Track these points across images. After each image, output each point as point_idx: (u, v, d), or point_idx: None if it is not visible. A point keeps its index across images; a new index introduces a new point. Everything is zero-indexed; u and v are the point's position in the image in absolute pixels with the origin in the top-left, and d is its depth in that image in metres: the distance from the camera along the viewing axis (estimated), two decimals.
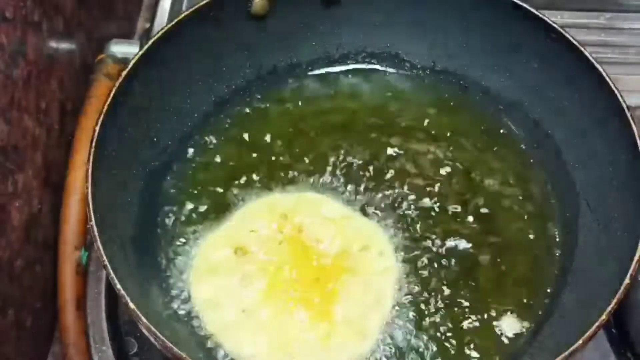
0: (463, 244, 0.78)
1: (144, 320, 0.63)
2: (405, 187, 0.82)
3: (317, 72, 0.91)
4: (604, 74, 0.76)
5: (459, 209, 0.81)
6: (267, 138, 0.86)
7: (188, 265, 0.77)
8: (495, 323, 0.74)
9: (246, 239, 0.77)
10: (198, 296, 0.75)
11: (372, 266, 0.76)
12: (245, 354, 0.71)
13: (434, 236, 0.79)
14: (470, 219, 0.80)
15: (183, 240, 0.78)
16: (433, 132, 0.86)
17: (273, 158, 0.84)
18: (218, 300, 0.74)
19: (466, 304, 0.75)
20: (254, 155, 0.84)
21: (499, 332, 0.74)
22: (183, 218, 0.80)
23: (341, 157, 0.84)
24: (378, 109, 0.88)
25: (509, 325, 0.74)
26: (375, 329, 0.73)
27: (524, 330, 0.74)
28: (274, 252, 0.76)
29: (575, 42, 0.78)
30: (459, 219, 0.80)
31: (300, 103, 0.89)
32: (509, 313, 0.75)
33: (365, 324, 0.73)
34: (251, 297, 0.74)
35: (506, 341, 0.73)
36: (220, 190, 0.82)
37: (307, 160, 0.84)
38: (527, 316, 0.74)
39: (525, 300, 0.75)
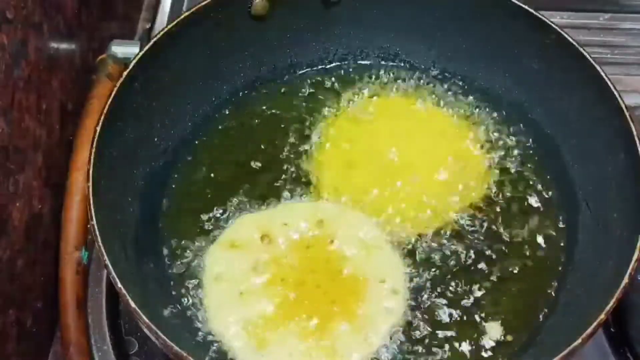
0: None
1: (145, 319, 0.64)
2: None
3: (317, 71, 0.91)
4: (603, 74, 0.76)
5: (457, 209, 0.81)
6: (267, 138, 0.86)
7: (188, 264, 0.77)
8: (494, 324, 0.74)
9: (276, 230, 0.78)
10: (210, 266, 0.76)
11: (380, 301, 0.74)
12: (226, 335, 0.72)
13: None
14: (470, 218, 0.80)
15: (183, 240, 0.78)
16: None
17: (274, 160, 0.84)
18: (224, 275, 0.75)
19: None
20: (255, 156, 0.84)
21: (498, 333, 0.74)
22: (183, 218, 0.80)
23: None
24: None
25: (509, 326, 0.74)
26: None
27: (524, 329, 0.74)
28: (297, 251, 0.76)
29: (574, 43, 0.78)
30: (458, 222, 0.80)
31: (301, 103, 0.89)
32: (508, 312, 0.75)
33: (347, 353, 0.71)
34: (255, 283, 0.74)
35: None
36: (220, 190, 0.82)
37: (309, 165, 0.84)
38: (526, 316, 0.74)
39: (524, 300, 0.75)
